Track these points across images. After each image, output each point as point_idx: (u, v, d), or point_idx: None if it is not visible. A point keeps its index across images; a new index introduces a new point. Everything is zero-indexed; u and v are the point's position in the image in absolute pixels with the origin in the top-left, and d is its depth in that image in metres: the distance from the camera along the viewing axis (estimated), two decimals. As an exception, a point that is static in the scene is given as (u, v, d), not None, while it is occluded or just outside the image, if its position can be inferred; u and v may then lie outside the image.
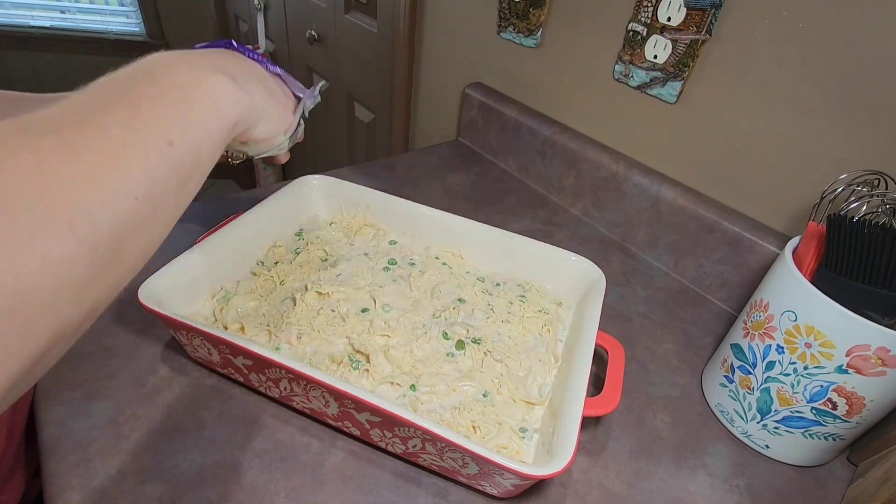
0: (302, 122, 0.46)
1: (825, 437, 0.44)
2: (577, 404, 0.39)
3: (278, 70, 0.42)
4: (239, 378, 0.46)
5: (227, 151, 0.47)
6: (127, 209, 0.22)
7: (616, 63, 0.70)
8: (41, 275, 0.18)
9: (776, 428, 0.46)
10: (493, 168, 0.91)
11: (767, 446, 0.48)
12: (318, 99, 0.49)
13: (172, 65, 0.28)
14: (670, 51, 0.62)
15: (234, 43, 0.38)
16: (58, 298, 0.19)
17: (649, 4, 0.63)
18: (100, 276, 0.21)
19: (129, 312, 0.52)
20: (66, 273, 0.19)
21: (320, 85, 0.50)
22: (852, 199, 0.43)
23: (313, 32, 1.41)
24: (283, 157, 0.47)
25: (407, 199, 0.61)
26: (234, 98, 0.30)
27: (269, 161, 0.45)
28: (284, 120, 0.37)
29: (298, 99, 0.46)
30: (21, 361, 0.18)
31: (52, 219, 0.18)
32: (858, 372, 0.39)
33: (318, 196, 0.64)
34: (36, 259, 0.17)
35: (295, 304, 0.49)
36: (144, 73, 0.26)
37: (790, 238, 0.49)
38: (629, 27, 0.66)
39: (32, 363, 0.18)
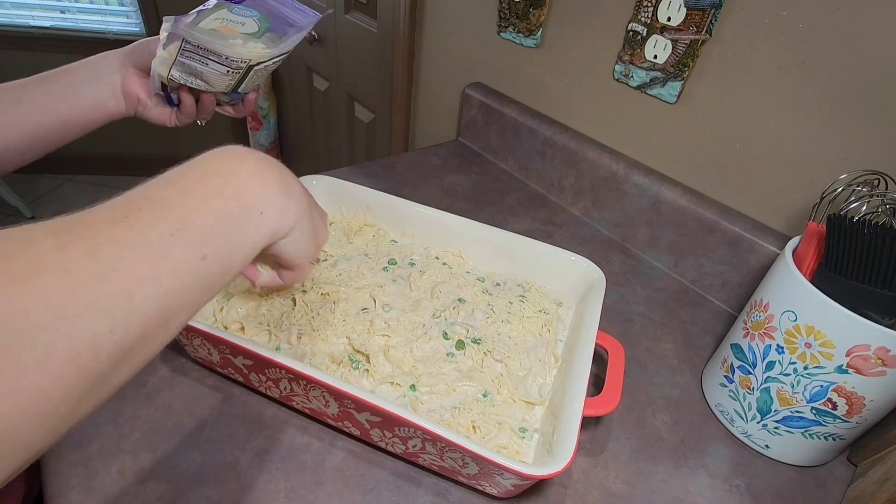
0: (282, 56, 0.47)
1: (825, 437, 0.44)
2: (577, 404, 0.39)
3: None
4: (239, 378, 0.46)
5: None
6: (137, 331, 0.21)
7: (616, 63, 0.70)
8: (25, 414, 0.17)
9: (776, 428, 0.46)
10: (493, 168, 0.91)
11: (767, 446, 0.48)
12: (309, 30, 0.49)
13: (240, 167, 0.28)
14: (670, 51, 0.62)
15: None
16: (37, 433, 0.17)
17: (649, 4, 0.63)
18: (89, 399, 0.19)
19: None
20: (52, 408, 0.18)
21: (316, 17, 0.49)
22: (852, 199, 0.43)
23: (313, 32, 1.41)
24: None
25: (407, 199, 0.61)
26: (280, 214, 0.29)
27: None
28: (310, 253, 0.35)
29: (292, 26, 0.46)
30: None
31: (56, 353, 0.17)
32: (858, 372, 0.39)
33: (318, 196, 0.63)
34: (23, 398, 0.16)
35: (295, 304, 0.49)
36: (212, 168, 0.27)
37: (790, 238, 0.49)
38: (629, 27, 0.66)
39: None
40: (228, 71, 0.47)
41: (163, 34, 0.45)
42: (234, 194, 0.27)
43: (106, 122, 0.51)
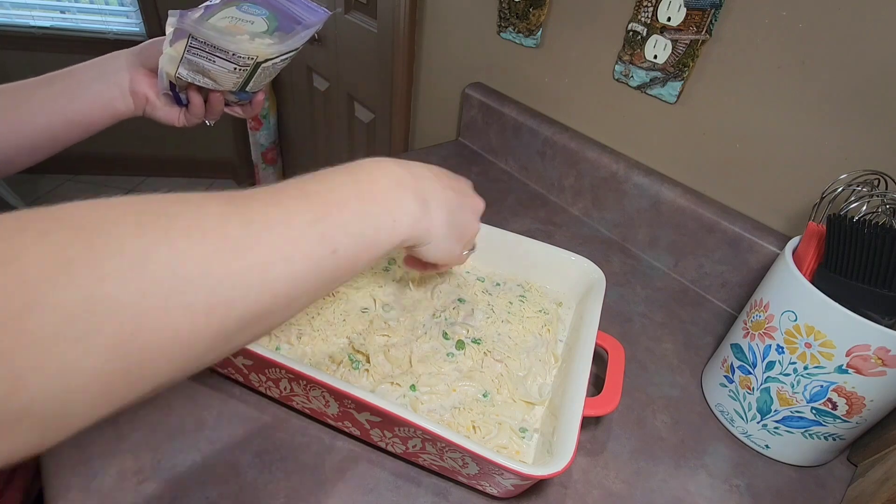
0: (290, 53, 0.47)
1: (825, 437, 0.44)
2: (577, 404, 0.39)
3: None
4: (239, 378, 0.46)
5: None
6: (264, 303, 0.23)
7: (616, 63, 0.70)
8: (162, 350, 0.19)
9: (776, 428, 0.46)
10: (493, 168, 0.91)
11: (767, 446, 0.48)
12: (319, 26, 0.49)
13: (381, 174, 0.31)
14: (670, 51, 0.62)
15: None
16: (168, 368, 0.20)
17: (649, 4, 0.63)
18: (209, 355, 0.22)
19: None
20: (184, 351, 0.20)
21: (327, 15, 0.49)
22: (852, 199, 0.43)
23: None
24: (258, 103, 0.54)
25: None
26: (413, 224, 0.31)
27: (271, 161, 0.46)
28: (453, 256, 0.38)
29: (300, 24, 0.46)
30: (118, 406, 0.20)
31: (196, 306, 0.20)
32: (858, 372, 0.39)
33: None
34: (166, 336, 0.19)
35: (295, 304, 0.49)
36: (355, 172, 0.30)
37: (790, 238, 0.49)
38: (629, 27, 0.66)
39: (125, 406, 0.20)
40: (235, 68, 0.47)
41: (168, 29, 0.44)
42: (371, 199, 0.29)
43: (114, 121, 0.51)
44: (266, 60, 0.47)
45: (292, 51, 0.48)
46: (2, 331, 0.15)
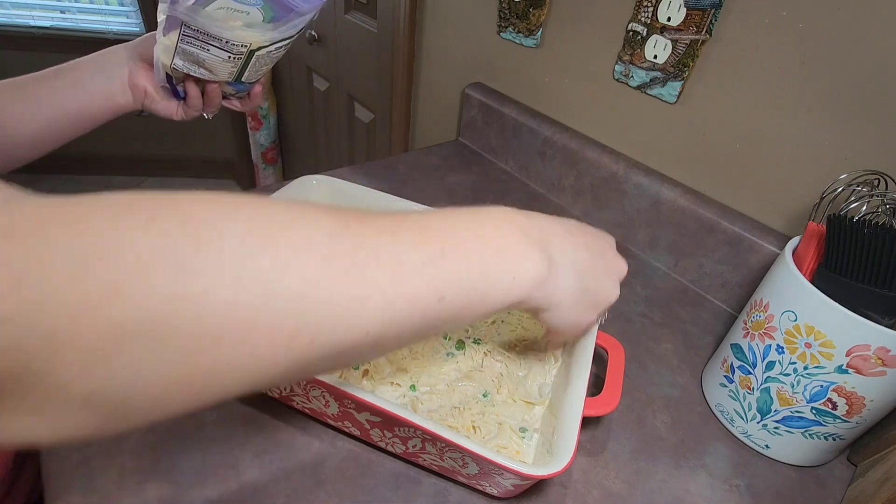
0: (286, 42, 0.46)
1: (825, 437, 0.44)
2: (577, 404, 0.39)
3: None
4: (239, 378, 0.46)
5: None
6: (351, 340, 0.21)
7: (616, 63, 0.70)
8: (233, 365, 0.18)
9: (776, 428, 0.46)
10: (493, 168, 0.91)
11: (767, 446, 0.48)
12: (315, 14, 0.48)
13: (507, 225, 0.28)
14: (670, 51, 0.62)
15: None
16: (233, 384, 0.19)
17: (649, 4, 0.63)
18: (279, 380, 0.20)
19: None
20: (255, 371, 0.19)
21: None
22: (852, 199, 0.43)
23: (313, 32, 1.41)
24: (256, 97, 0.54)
25: (407, 199, 0.61)
26: (535, 284, 0.28)
27: (272, 161, 0.45)
28: (580, 326, 0.34)
29: (292, 10, 0.45)
30: (174, 413, 0.19)
31: (283, 331, 0.18)
32: (858, 372, 0.39)
33: (318, 196, 0.64)
34: (243, 351, 0.18)
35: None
36: (481, 219, 0.27)
37: (790, 238, 0.49)
38: (629, 27, 0.66)
39: (178, 415, 0.19)
40: (230, 57, 0.47)
41: (160, 17, 0.44)
42: (493, 248, 0.26)
43: (116, 115, 0.51)
44: (260, 48, 0.47)
45: (287, 39, 0.48)
46: (84, 316, 0.15)
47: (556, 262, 0.29)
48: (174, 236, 0.17)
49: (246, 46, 0.46)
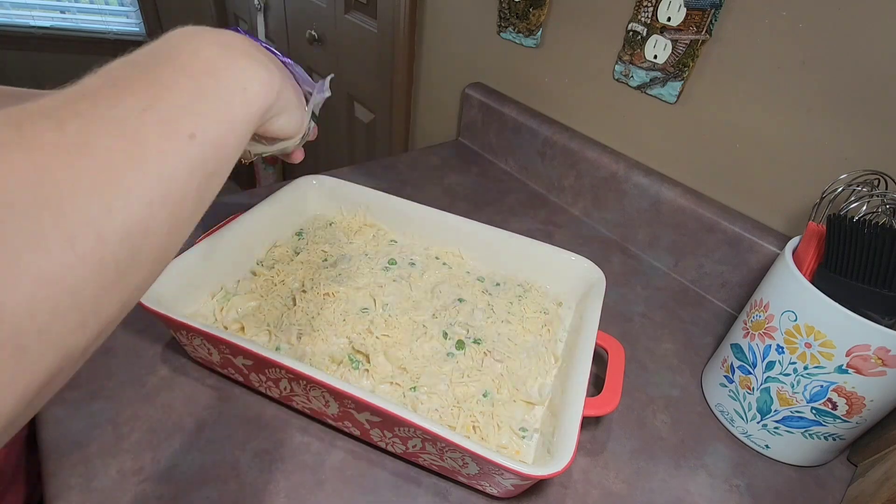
0: (312, 118, 0.45)
1: (825, 437, 0.44)
2: (577, 404, 0.39)
3: (288, 60, 0.40)
4: (239, 378, 0.46)
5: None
6: (140, 216, 0.19)
7: (616, 63, 0.70)
8: (33, 299, 0.15)
9: (776, 428, 0.46)
10: (493, 168, 0.91)
11: (767, 446, 0.48)
12: (329, 93, 0.46)
13: (199, 44, 0.25)
14: (670, 51, 0.62)
15: (240, 30, 0.37)
16: (57, 323, 0.16)
17: (649, 4, 0.63)
18: (109, 293, 0.18)
19: (129, 313, 0.52)
20: (64, 294, 0.16)
21: (329, 78, 0.47)
22: (852, 199, 0.43)
23: (313, 32, 1.41)
24: (298, 156, 0.45)
25: (407, 199, 0.61)
26: (264, 86, 0.27)
27: (272, 161, 0.45)
28: (302, 116, 0.34)
29: (307, 93, 0.45)
30: (17, 395, 0.15)
31: (45, 234, 0.16)
32: (858, 372, 0.39)
33: (318, 196, 0.64)
34: (26, 282, 0.15)
35: (295, 304, 0.49)
36: (167, 52, 0.24)
37: (790, 238, 0.49)
38: (629, 27, 0.66)
39: (32, 395, 0.16)
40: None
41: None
42: (203, 72, 0.24)
43: None
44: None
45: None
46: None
47: (263, 61, 0.28)
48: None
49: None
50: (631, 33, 0.66)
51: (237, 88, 0.25)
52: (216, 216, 0.59)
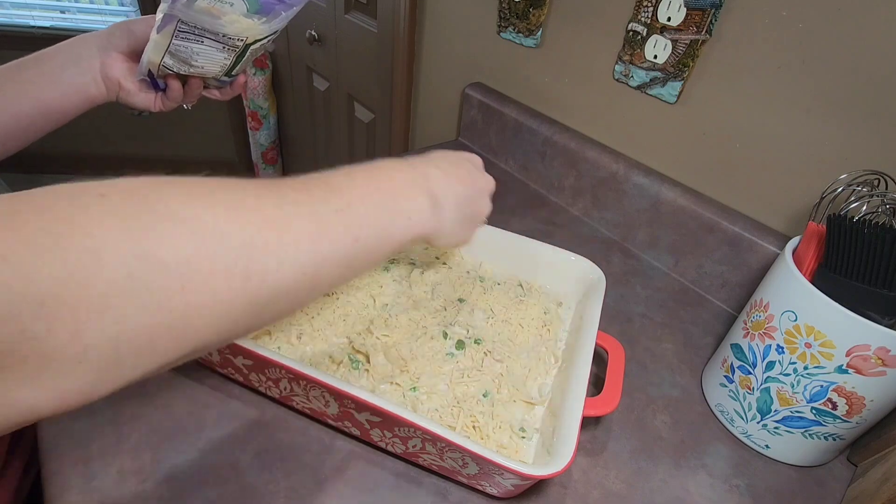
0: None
1: (825, 437, 0.44)
2: (577, 404, 0.39)
3: None
4: (239, 378, 0.46)
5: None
6: (292, 280, 0.25)
7: (616, 63, 0.70)
8: (201, 307, 0.21)
9: (776, 428, 0.46)
10: (494, 168, 0.91)
11: (767, 446, 0.48)
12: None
13: (395, 173, 0.34)
14: (670, 51, 0.62)
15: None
16: (207, 331, 0.22)
17: (649, 4, 0.63)
18: (242, 321, 0.24)
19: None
20: (221, 312, 0.22)
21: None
22: (852, 199, 0.43)
23: (313, 32, 1.41)
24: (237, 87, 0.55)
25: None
26: (425, 221, 0.34)
27: (272, 161, 0.46)
28: (463, 240, 0.41)
29: (281, 2, 0.45)
30: (160, 362, 0.21)
31: (235, 271, 0.22)
32: (858, 372, 0.39)
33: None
34: (207, 294, 0.21)
35: (295, 304, 0.49)
36: (375, 172, 0.33)
37: (790, 238, 0.49)
38: (629, 27, 0.66)
39: (165, 365, 0.22)
40: (225, 48, 0.46)
41: (159, 15, 0.44)
42: (390, 195, 0.32)
43: (88, 107, 0.50)
44: (255, 42, 0.47)
45: (276, 31, 0.49)
46: (70, 282, 0.18)
47: (439, 200, 0.35)
48: (131, 208, 0.20)
49: (242, 40, 0.46)
50: (631, 33, 0.66)
51: (404, 216, 0.33)
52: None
